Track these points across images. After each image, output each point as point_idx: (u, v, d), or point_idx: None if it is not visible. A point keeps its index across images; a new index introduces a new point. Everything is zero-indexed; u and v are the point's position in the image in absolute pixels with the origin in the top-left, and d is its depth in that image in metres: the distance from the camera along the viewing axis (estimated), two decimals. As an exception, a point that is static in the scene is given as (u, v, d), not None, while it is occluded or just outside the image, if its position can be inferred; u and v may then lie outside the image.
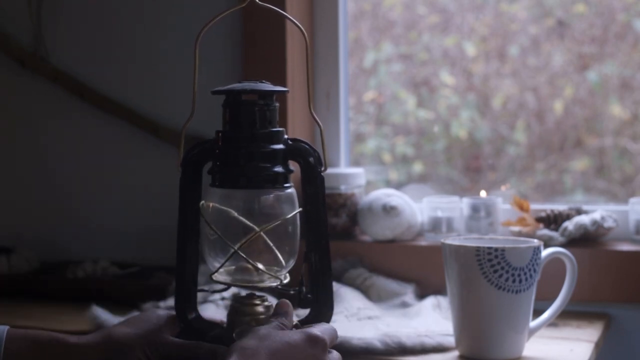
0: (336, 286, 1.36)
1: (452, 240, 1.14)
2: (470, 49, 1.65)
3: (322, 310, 0.99)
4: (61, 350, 0.88)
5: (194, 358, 0.91)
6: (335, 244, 1.11)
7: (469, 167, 1.67)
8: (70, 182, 1.71)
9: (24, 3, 1.70)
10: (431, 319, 1.26)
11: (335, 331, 0.92)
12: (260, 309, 0.97)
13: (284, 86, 0.99)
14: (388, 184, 1.68)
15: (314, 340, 0.87)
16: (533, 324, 1.14)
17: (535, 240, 1.13)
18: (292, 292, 0.98)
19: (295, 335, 0.86)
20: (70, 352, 0.88)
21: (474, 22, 1.65)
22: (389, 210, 1.46)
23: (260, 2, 0.99)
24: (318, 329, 0.89)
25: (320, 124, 0.99)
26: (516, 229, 1.42)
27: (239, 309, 0.97)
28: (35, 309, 1.45)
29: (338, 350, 1.14)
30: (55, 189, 1.72)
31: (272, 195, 0.96)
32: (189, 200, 0.98)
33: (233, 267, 0.98)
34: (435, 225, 1.48)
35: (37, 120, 1.73)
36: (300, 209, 0.97)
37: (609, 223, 1.38)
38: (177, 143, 1.58)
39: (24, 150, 1.75)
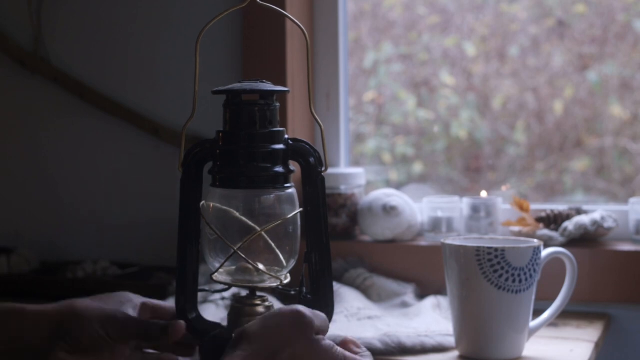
0: (336, 286, 1.36)
1: (452, 240, 1.14)
2: (470, 49, 1.65)
3: (322, 310, 0.99)
4: (17, 319, 0.86)
5: (146, 334, 0.89)
6: (335, 244, 1.11)
7: (469, 167, 1.67)
8: (71, 182, 1.71)
9: (24, 3, 1.70)
10: (431, 319, 1.26)
11: (325, 320, 0.88)
12: (260, 309, 0.97)
13: (284, 86, 0.99)
14: (388, 184, 1.68)
15: (298, 320, 0.83)
16: (533, 324, 1.14)
17: (535, 240, 1.13)
18: (292, 292, 0.98)
19: (277, 316, 0.84)
20: (26, 321, 0.86)
21: (474, 22, 1.65)
22: (389, 210, 1.46)
23: (260, 2, 0.99)
24: (299, 307, 0.86)
25: (321, 124, 0.99)
26: (516, 229, 1.42)
27: (240, 309, 0.97)
28: (35, 309, 1.45)
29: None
30: (55, 189, 1.72)
31: (272, 196, 0.96)
32: (189, 200, 0.98)
33: (233, 268, 0.98)
34: (435, 225, 1.48)
35: (37, 120, 1.73)
36: (301, 209, 0.98)
37: (609, 223, 1.38)
38: (177, 143, 1.58)
39: (23, 150, 1.75)
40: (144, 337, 0.87)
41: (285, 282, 0.98)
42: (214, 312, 1.27)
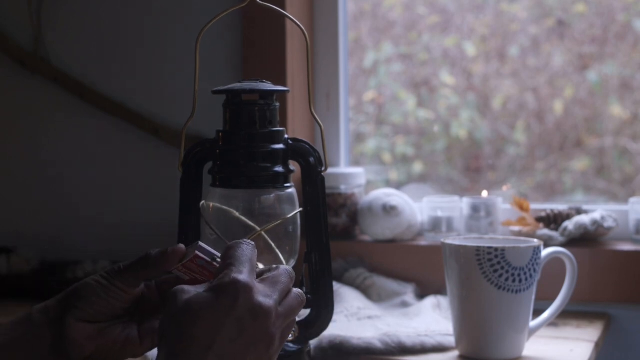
0: (336, 286, 1.36)
1: (452, 240, 1.14)
2: (470, 49, 1.65)
3: (322, 310, 0.99)
4: (27, 323, 0.82)
5: (145, 262, 0.82)
6: (335, 244, 1.11)
7: (469, 167, 1.67)
8: (70, 182, 1.71)
9: (24, 3, 1.70)
10: (431, 319, 1.26)
11: (252, 251, 0.78)
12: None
13: (284, 86, 0.99)
14: (388, 184, 1.68)
15: (230, 292, 0.72)
16: (533, 324, 1.14)
17: (535, 240, 1.13)
18: (292, 292, 0.98)
19: (208, 295, 0.73)
20: (34, 314, 0.82)
21: (474, 22, 1.65)
22: (389, 210, 1.46)
23: (260, 2, 0.99)
24: (235, 273, 0.74)
25: (321, 124, 0.99)
26: (516, 228, 1.42)
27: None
28: (35, 309, 1.45)
29: (338, 351, 1.14)
30: (55, 189, 1.72)
31: (272, 195, 0.96)
32: (189, 200, 0.98)
33: (233, 267, 0.98)
34: (435, 225, 1.48)
35: (37, 120, 1.73)
36: (301, 209, 0.98)
37: (609, 223, 1.38)
38: (177, 143, 1.58)
39: (23, 150, 1.75)
40: (143, 265, 0.81)
41: (285, 282, 0.98)
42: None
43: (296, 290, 0.78)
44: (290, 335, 0.96)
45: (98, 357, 0.83)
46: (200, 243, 0.81)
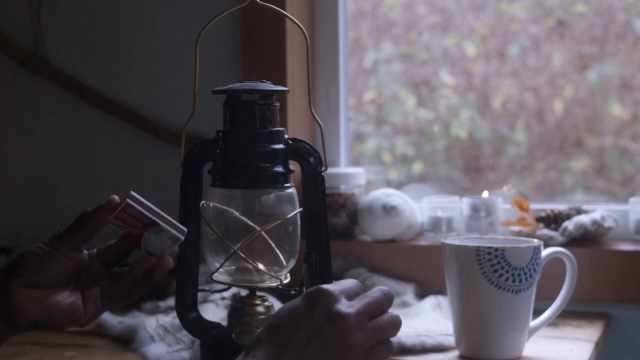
0: (336, 286, 1.36)
1: (452, 240, 1.14)
2: (470, 49, 1.65)
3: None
4: None
5: (82, 219, 0.88)
6: (335, 244, 1.12)
7: (469, 167, 1.67)
8: (70, 182, 1.71)
9: (24, 3, 1.70)
10: (431, 319, 1.26)
11: (355, 285, 0.80)
12: (260, 309, 0.98)
13: (284, 86, 0.99)
14: (388, 184, 1.68)
15: (312, 296, 0.76)
16: (533, 323, 1.14)
17: (535, 240, 1.13)
18: (292, 292, 0.99)
19: (295, 300, 0.78)
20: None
21: (474, 22, 1.65)
22: (389, 210, 1.46)
23: (260, 2, 0.99)
24: (323, 284, 0.78)
25: (321, 124, 0.99)
26: (516, 228, 1.42)
27: (240, 309, 0.98)
28: (35, 308, 1.45)
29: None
30: (55, 189, 1.72)
31: (272, 195, 0.96)
32: (189, 200, 0.98)
33: (233, 267, 0.98)
34: (435, 225, 1.48)
35: (37, 120, 1.73)
36: (301, 209, 0.98)
37: (609, 223, 1.38)
38: (177, 143, 1.58)
39: (23, 149, 1.75)
40: (80, 223, 0.87)
41: (285, 281, 0.98)
42: (214, 312, 1.27)
43: (393, 313, 0.79)
44: None
45: (43, 323, 0.85)
46: (132, 192, 0.82)
